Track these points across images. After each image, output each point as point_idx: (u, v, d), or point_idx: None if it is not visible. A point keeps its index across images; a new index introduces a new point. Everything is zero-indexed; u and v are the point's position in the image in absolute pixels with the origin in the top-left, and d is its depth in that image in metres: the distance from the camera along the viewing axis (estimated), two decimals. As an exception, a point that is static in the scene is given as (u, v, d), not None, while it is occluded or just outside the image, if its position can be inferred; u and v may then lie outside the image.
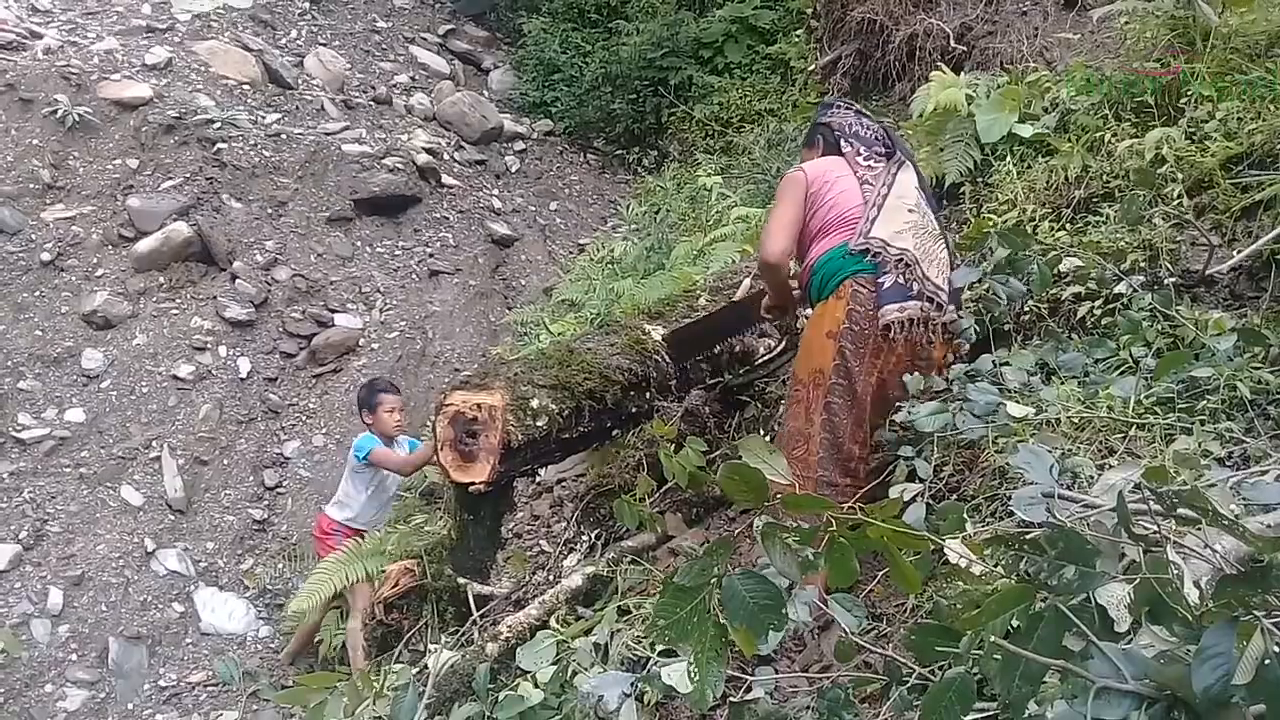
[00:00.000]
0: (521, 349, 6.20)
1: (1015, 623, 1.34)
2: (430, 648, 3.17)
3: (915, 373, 2.78)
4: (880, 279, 2.81)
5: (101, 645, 5.61)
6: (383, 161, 8.70)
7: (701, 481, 3.65)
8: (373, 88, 10.12)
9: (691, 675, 1.45)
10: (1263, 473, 1.99)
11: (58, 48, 8.51)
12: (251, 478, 6.73)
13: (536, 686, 2.57)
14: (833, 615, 1.88)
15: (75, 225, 7.52)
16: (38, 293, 7.15)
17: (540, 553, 4.28)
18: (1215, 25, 3.57)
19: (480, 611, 3.45)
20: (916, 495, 2.48)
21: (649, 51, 9.95)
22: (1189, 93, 3.54)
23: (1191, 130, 3.42)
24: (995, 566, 1.72)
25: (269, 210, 8.06)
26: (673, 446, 3.68)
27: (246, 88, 9.01)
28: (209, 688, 5.48)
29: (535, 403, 3.16)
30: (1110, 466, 2.16)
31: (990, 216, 3.72)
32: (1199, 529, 1.48)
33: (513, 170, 10.19)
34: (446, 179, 9.16)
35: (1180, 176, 3.25)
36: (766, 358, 4.10)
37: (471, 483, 3.08)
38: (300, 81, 9.55)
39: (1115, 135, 3.63)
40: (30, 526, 6.02)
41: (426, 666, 2.81)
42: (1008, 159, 4.03)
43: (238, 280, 7.57)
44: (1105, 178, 3.56)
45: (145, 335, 7.16)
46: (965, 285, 3.02)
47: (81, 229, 7.51)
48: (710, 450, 3.78)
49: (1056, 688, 1.33)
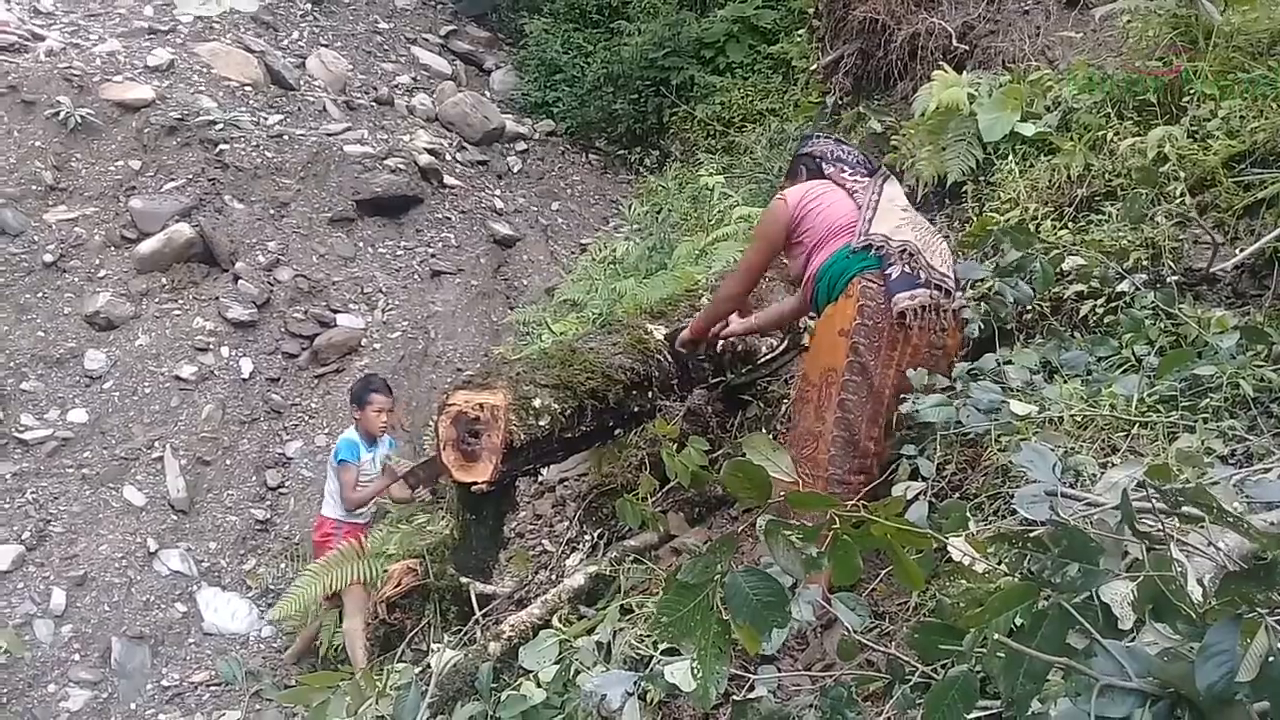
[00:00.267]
0: (524, 349, 6.20)
1: (1019, 621, 1.34)
2: (433, 647, 3.17)
3: (932, 363, 2.78)
4: (887, 271, 2.81)
5: (104, 645, 5.61)
6: (385, 162, 8.70)
7: (704, 480, 3.65)
8: (375, 89, 10.13)
9: (694, 673, 1.45)
10: (1266, 470, 1.99)
11: (60, 50, 8.52)
12: (254, 478, 6.74)
13: (539, 686, 2.57)
14: (835, 613, 1.87)
15: (77, 226, 7.53)
16: (40, 294, 7.16)
17: (543, 552, 4.29)
18: (1218, 23, 3.56)
19: (483, 611, 3.46)
20: (919, 493, 2.47)
21: (651, 51, 9.96)
22: (1191, 91, 3.53)
23: (1194, 129, 3.42)
24: (998, 564, 1.72)
25: (271, 211, 8.07)
26: (675, 446, 3.68)
27: (249, 89, 9.02)
28: (212, 688, 5.49)
29: (538, 402, 3.17)
30: (1113, 465, 2.16)
31: (993, 215, 3.71)
32: (1202, 527, 1.48)
33: (515, 170, 10.20)
34: (448, 179, 9.17)
35: (1183, 175, 3.24)
36: (769, 357, 4.10)
37: (474, 482, 3.09)
38: (302, 83, 9.56)
39: (1117, 134, 3.62)
40: (33, 527, 6.03)
41: (429, 666, 2.81)
42: (1010, 158, 4.02)
43: (240, 281, 7.57)
44: (1107, 176, 3.55)
45: (148, 336, 7.17)
46: (969, 280, 3.03)
47: (84, 230, 7.52)
48: (712, 449, 3.78)
49: (1060, 686, 1.33)
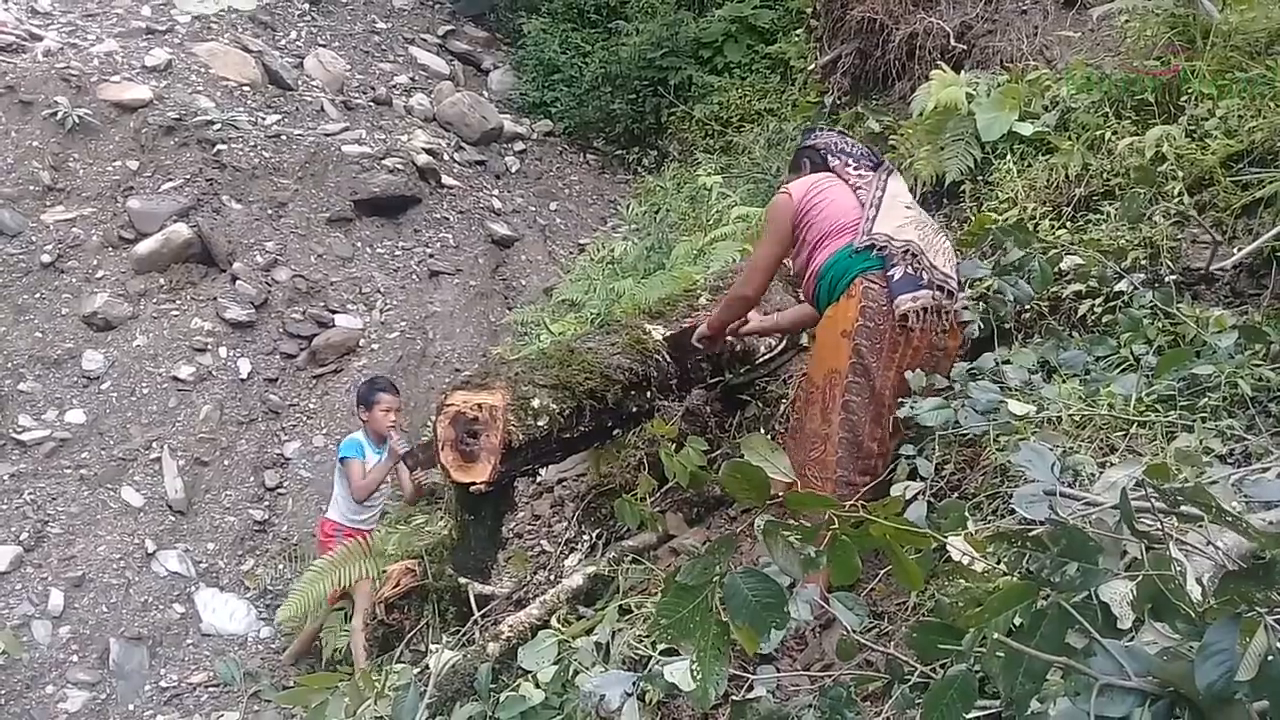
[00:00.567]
0: (522, 349, 6.20)
1: (1018, 620, 1.34)
2: (431, 648, 3.17)
3: (933, 364, 2.78)
4: (890, 272, 2.80)
5: (102, 646, 5.60)
6: (383, 162, 8.70)
7: (702, 481, 3.65)
8: (372, 88, 10.12)
9: (694, 674, 1.45)
10: (1264, 470, 1.99)
11: (58, 50, 8.51)
12: (252, 478, 6.73)
13: (538, 686, 2.57)
14: (834, 613, 1.87)
15: (75, 227, 7.52)
16: (38, 294, 7.15)
17: (541, 552, 4.29)
18: (1216, 23, 3.56)
19: (481, 611, 3.45)
20: (918, 493, 2.47)
21: (649, 51, 9.95)
22: (1189, 90, 3.53)
23: (1192, 128, 3.42)
24: (997, 564, 1.72)
25: (269, 211, 8.06)
26: (673, 446, 3.68)
27: (246, 89, 9.01)
28: (210, 689, 5.48)
29: (536, 402, 3.17)
30: (1111, 464, 2.15)
31: (991, 215, 3.72)
32: (1201, 526, 1.48)
33: (513, 170, 10.19)
34: (446, 179, 9.16)
35: (1181, 174, 3.25)
36: (767, 357, 4.10)
37: (472, 483, 3.09)
38: (300, 83, 9.55)
39: (1115, 133, 3.63)
40: (31, 528, 6.02)
41: (428, 666, 2.80)
42: (1008, 157, 4.02)
43: (238, 281, 7.57)
44: (1105, 176, 3.56)
45: (145, 336, 7.16)
46: (969, 279, 3.03)
47: (82, 231, 7.51)
48: (711, 449, 3.78)
49: (1059, 685, 1.33)
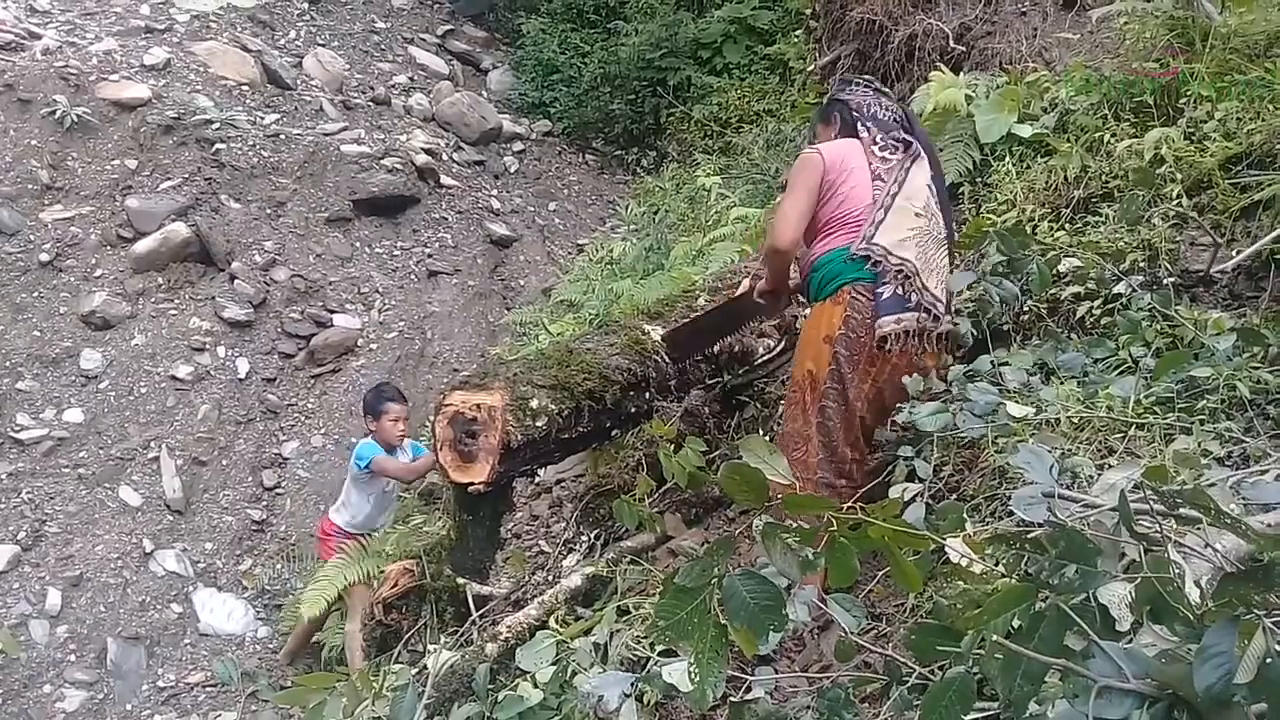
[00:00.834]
0: (520, 349, 6.20)
1: (1016, 622, 1.34)
2: (429, 648, 3.16)
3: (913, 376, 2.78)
4: (879, 289, 2.80)
5: (100, 646, 5.60)
6: (381, 162, 8.69)
7: (701, 482, 3.65)
8: (371, 88, 10.12)
9: (692, 675, 1.45)
10: (1262, 472, 1.99)
11: (56, 48, 8.50)
12: (250, 478, 6.72)
13: (536, 687, 2.57)
14: (832, 615, 1.87)
15: (74, 226, 7.51)
16: (36, 293, 7.14)
17: (539, 553, 4.28)
18: (1215, 25, 3.57)
19: (480, 612, 3.45)
20: (916, 495, 2.47)
21: (647, 52, 9.96)
22: (1188, 93, 3.54)
23: (1190, 130, 3.42)
24: (996, 566, 1.72)
25: (268, 211, 8.05)
26: (672, 447, 3.68)
27: (245, 88, 9.00)
28: (207, 688, 5.48)
29: (534, 403, 3.16)
30: (1110, 466, 2.16)
31: (989, 216, 3.72)
32: (1200, 528, 1.48)
33: (511, 171, 10.19)
34: (445, 179, 9.16)
35: (1179, 176, 3.25)
36: (766, 358, 4.10)
37: (471, 483, 3.08)
38: (299, 82, 9.54)
39: (1114, 135, 3.63)
40: (28, 527, 6.02)
41: (426, 667, 2.80)
42: (1007, 159, 4.03)
43: (236, 281, 7.56)
44: (1104, 178, 3.56)
45: (144, 336, 7.15)
46: (959, 289, 3.01)
47: (80, 229, 7.51)
48: (709, 450, 3.78)
49: (1058, 687, 1.33)
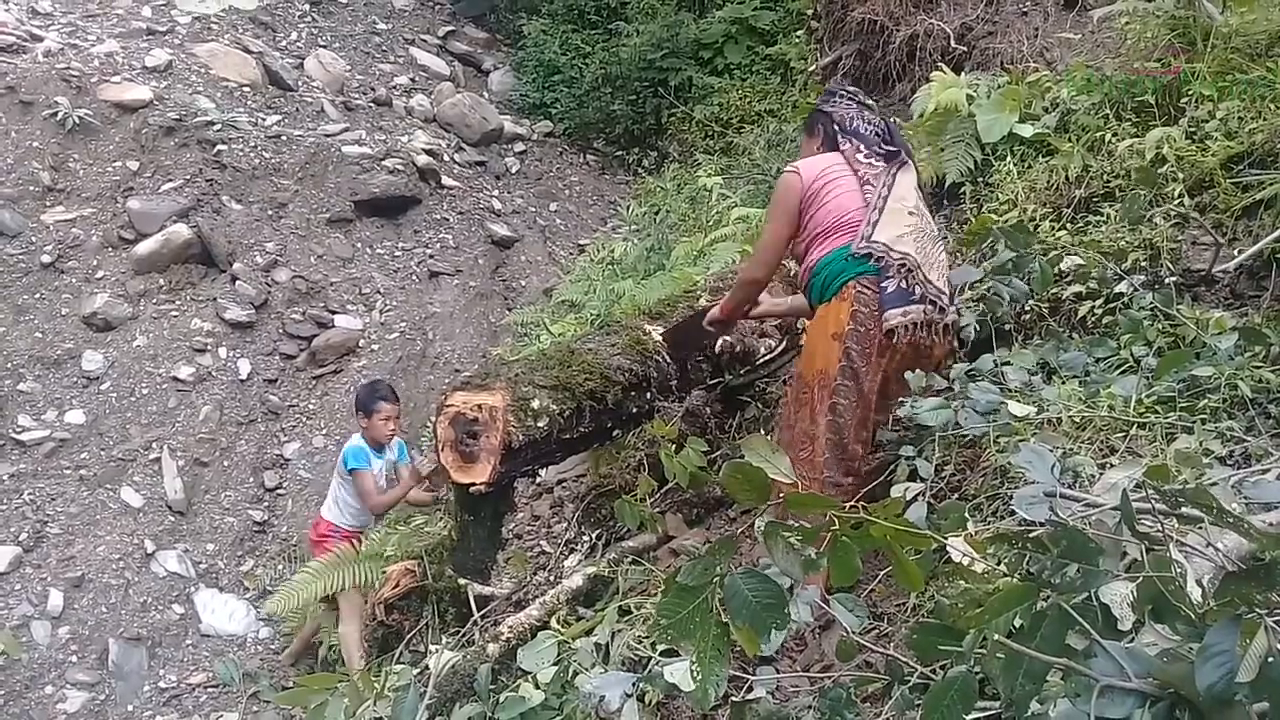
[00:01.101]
0: (522, 350, 6.20)
1: (1018, 621, 1.34)
2: (431, 648, 3.16)
3: (917, 369, 2.78)
4: (883, 283, 2.81)
5: (101, 647, 5.60)
6: (383, 163, 8.70)
7: (702, 482, 3.65)
8: (373, 89, 10.13)
9: (693, 674, 1.45)
10: (1264, 471, 1.99)
11: (58, 50, 8.51)
12: (251, 479, 6.73)
13: (538, 687, 2.56)
14: (834, 614, 1.87)
15: (75, 227, 7.52)
16: (38, 295, 7.15)
17: (541, 553, 4.28)
18: (1217, 24, 3.57)
19: (481, 612, 3.44)
20: (918, 494, 2.47)
21: (649, 53, 9.96)
22: (1189, 92, 3.54)
23: (1192, 130, 3.42)
24: (997, 565, 1.72)
25: (269, 212, 8.06)
26: (673, 447, 3.68)
27: (247, 90, 9.01)
28: (209, 689, 5.48)
29: (536, 403, 3.16)
30: (1112, 465, 2.16)
31: (991, 216, 3.72)
32: (1201, 527, 1.48)
33: (513, 171, 10.19)
34: (446, 180, 9.16)
35: (1181, 176, 3.25)
36: (767, 358, 4.10)
37: (472, 483, 3.08)
38: (300, 83, 9.55)
39: (1116, 135, 3.63)
40: (30, 528, 6.02)
41: (427, 667, 2.80)
42: (1008, 159, 4.03)
43: (238, 282, 7.57)
44: (1106, 177, 3.56)
45: (145, 337, 7.16)
46: (963, 284, 3.02)
47: (81, 231, 7.51)
48: (711, 450, 3.78)
49: (1060, 686, 1.33)
